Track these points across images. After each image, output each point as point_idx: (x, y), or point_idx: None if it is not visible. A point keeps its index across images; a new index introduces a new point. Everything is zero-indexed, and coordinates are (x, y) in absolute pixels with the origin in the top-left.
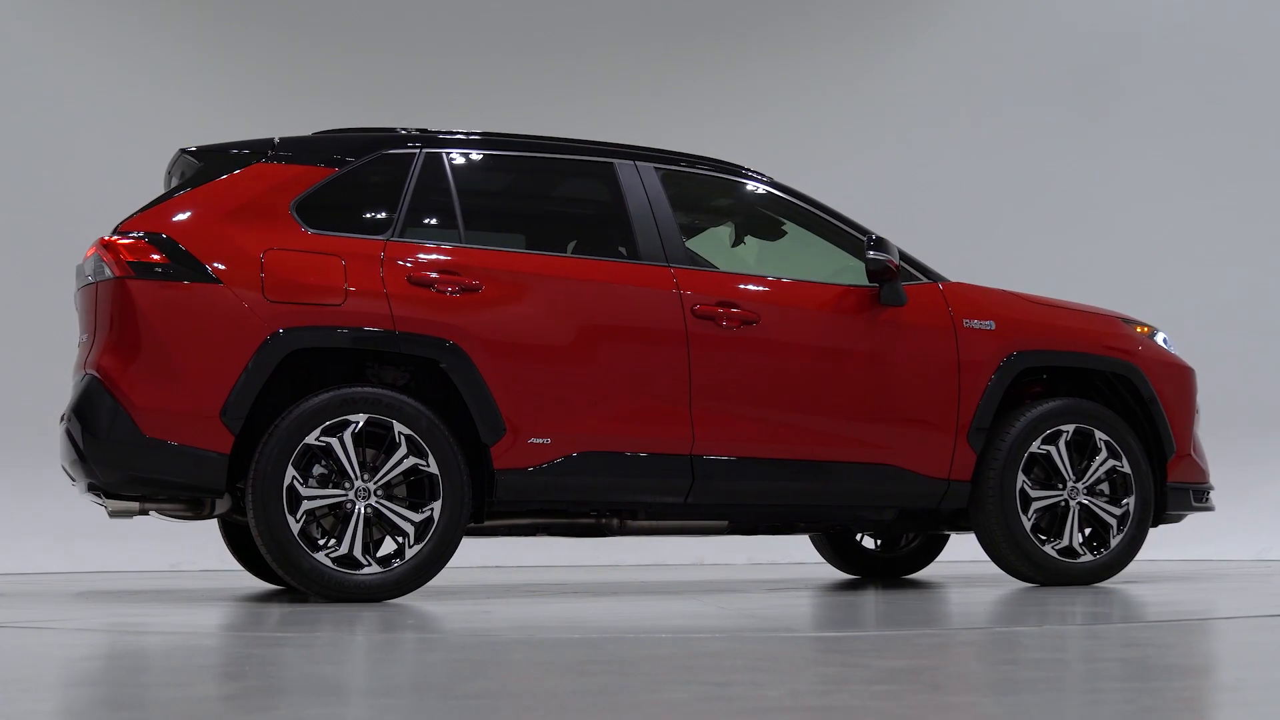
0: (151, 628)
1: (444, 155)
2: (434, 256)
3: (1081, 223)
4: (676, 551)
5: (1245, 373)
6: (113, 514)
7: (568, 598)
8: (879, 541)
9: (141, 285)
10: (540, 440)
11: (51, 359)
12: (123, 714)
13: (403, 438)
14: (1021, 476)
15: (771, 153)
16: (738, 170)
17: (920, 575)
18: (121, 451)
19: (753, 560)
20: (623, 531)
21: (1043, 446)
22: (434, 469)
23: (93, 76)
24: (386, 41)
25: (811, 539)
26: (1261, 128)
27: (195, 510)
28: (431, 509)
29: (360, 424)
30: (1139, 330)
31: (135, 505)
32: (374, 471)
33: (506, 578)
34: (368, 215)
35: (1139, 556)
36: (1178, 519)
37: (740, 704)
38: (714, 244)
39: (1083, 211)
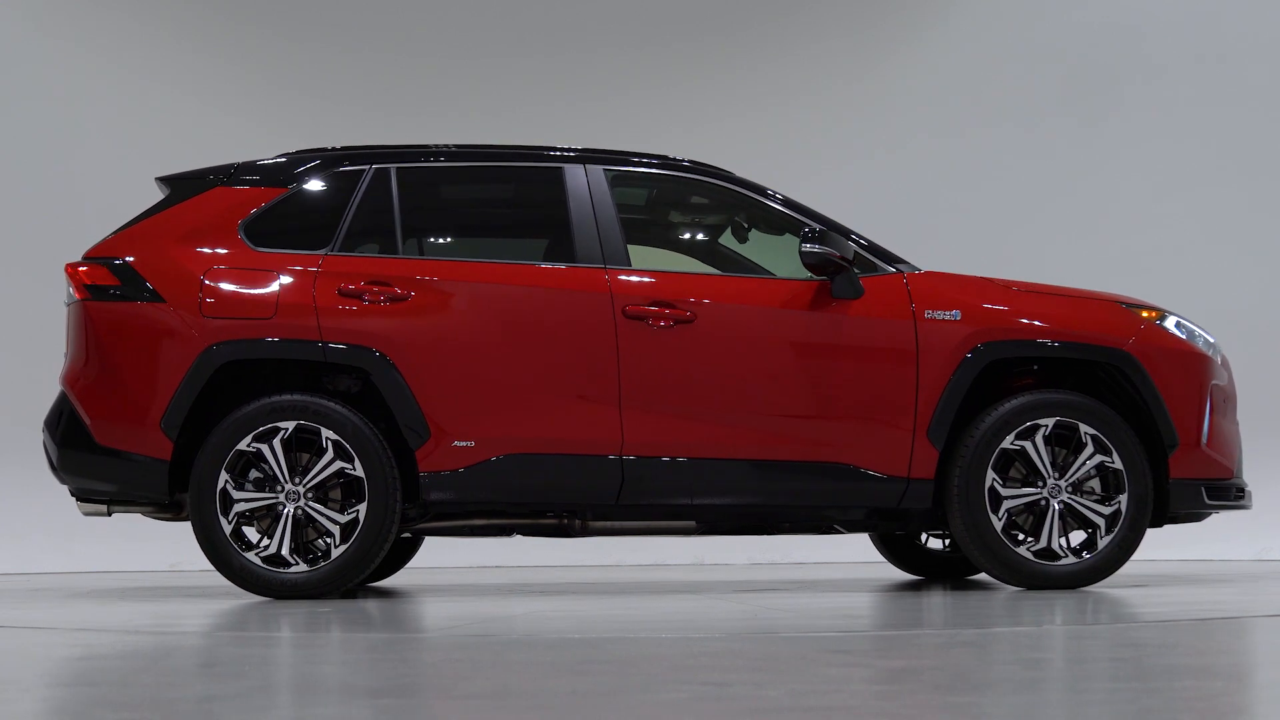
0: (151, 627)
1: (392, 170)
2: (366, 268)
3: (1088, 221)
4: (676, 551)
5: (1246, 372)
6: (85, 514)
7: (567, 597)
8: (946, 542)
9: (97, 306)
10: (464, 443)
11: (50, 360)
12: (123, 714)
13: (330, 443)
14: (991, 474)
15: (772, 154)
16: (698, 168)
17: (985, 575)
18: (81, 460)
19: (753, 560)
20: (584, 532)
21: (1016, 442)
22: (360, 472)
23: (93, 77)
24: (387, 42)
25: (871, 539)
26: (1269, 123)
27: (173, 511)
28: (357, 511)
29: (289, 430)
30: (1144, 315)
31: (103, 507)
32: (305, 475)
33: (505, 578)
34: (311, 232)
35: (1137, 557)
36: (1197, 518)
37: (740, 704)
38: (777, 247)
39: (1089, 210)
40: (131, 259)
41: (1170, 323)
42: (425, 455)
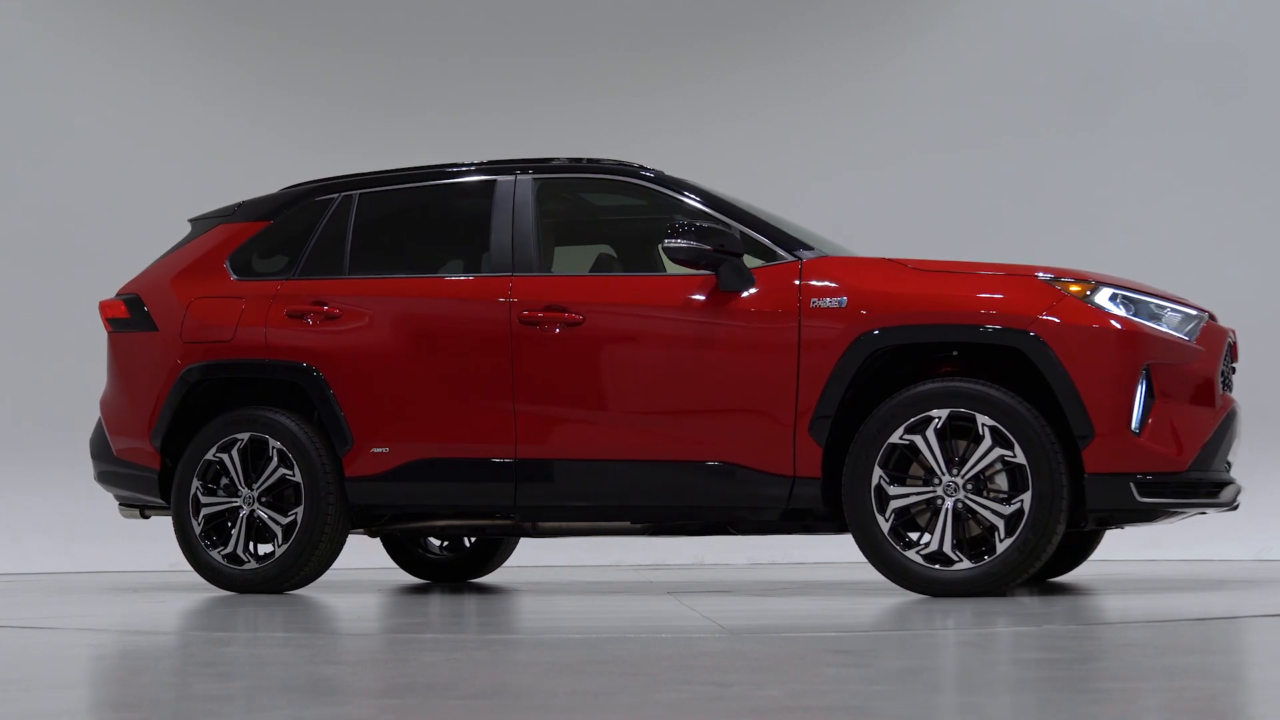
0: (151, 627)
1: (356, 196)
2: (311, 291)
3: (1090, 221)
4: (676, 551)
5: (1245, 371)
6: (124, 517)
7: (567, 597)
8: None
9: (116, 337)
10: (380, 450)
11: (49, 360)
12: (123, 714)
13: (275, 451)
14: (878, 471)
15: (770, 157)
16: (632, 171)
17: (1067, 578)
18: (106, 471)
19: (753, 561)
20: (536, 534)
21: (906, 436)
22: (298, 478)
23: (95, 77)
24: (387, 43)
25: None
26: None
27: None
28: (296, 513)
29: (245, 440)
30: (1072, 289)
31: (136, 511)
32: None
33: (504, 578)
34: (279, 260)
35: (1136, 557)
36: (1143, 518)
37: (740, 704)
38: None
39: (1091, 209)
40: (140, 294)
41: (1102, 296)
42: (349, 461)
